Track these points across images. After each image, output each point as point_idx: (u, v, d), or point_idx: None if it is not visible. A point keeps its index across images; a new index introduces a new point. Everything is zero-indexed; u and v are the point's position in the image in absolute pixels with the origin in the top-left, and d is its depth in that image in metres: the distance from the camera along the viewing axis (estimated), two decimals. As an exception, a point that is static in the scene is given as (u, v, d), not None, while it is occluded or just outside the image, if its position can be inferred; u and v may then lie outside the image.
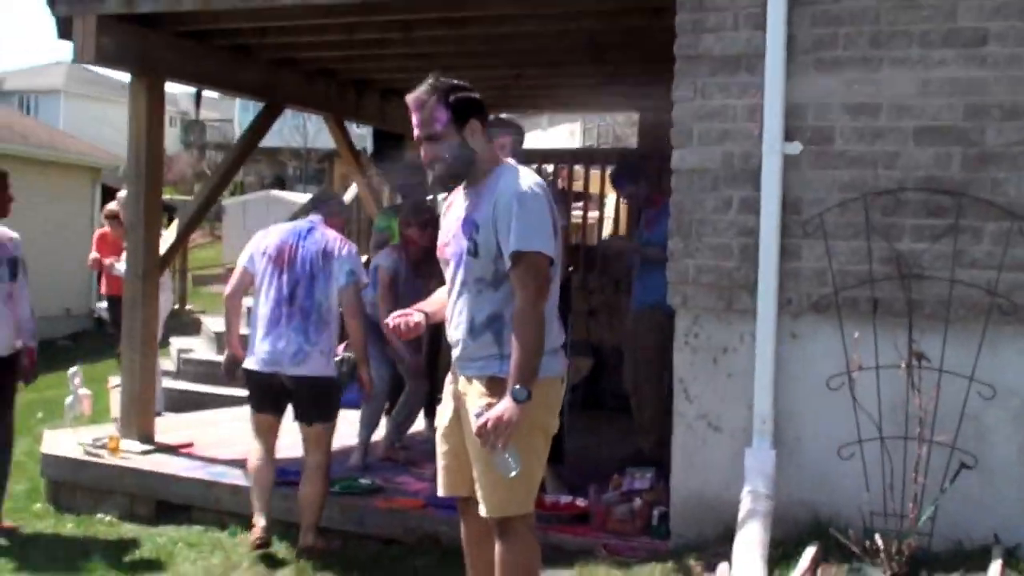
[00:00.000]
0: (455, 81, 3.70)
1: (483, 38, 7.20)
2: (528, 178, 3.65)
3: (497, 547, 3.69)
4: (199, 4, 6.20)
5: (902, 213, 4.56)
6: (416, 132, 3.67)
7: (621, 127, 22.94)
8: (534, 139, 25.81)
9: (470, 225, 3.66)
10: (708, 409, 4.93)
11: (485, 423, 3.44)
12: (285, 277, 5.45)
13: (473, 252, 3.64)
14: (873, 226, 4.58)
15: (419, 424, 7.48)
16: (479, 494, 3.67)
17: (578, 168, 10.97)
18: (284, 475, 5.77)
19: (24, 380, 6.19)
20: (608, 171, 8.86)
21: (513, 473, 3.47)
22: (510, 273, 3.57)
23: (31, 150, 18.08)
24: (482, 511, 3.68)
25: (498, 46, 7.49)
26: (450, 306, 3.77)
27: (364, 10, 6.28)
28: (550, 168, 11.12)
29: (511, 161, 3.83)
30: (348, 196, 10.94)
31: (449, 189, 3.85)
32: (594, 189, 10.58)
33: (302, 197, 24.21)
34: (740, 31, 4.85)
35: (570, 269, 7.02)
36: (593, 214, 10.48)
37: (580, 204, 10.79)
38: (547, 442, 3.76)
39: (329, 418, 5.55)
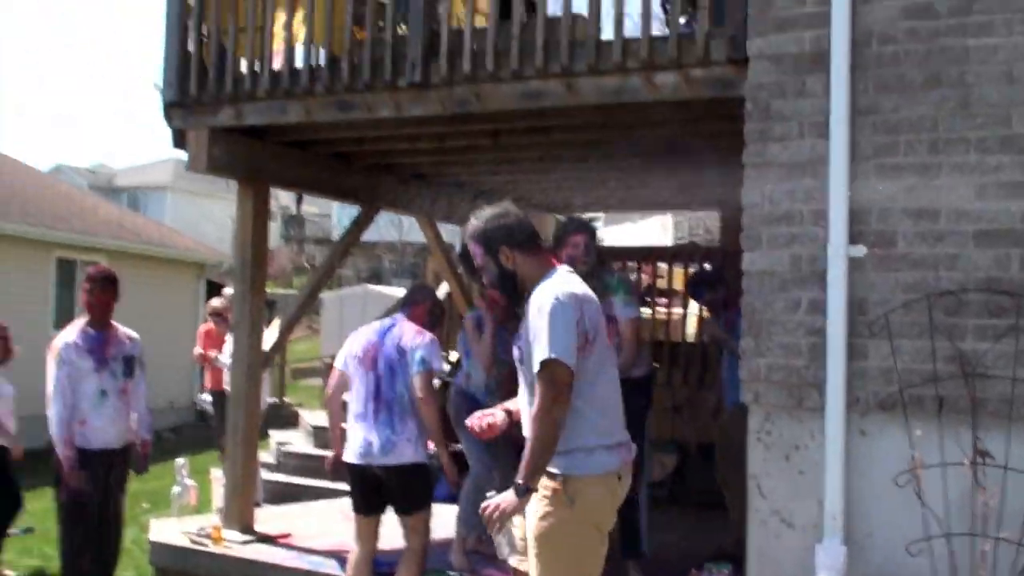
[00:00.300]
0: (488, 216, 4.23)
1: (567, 143, 7.53)
2: (552, 289, 3.95)
3: None
4: (302, 117, 6.65)
5: (964, 313, 4.70)
6: None
7: (711, 221, 23.12)
8: (625, 232, 26.11)
9: (520, 336, 4.04)
10: (781, 505, 5.07)
11: (487, 507, 3.82)
12: (371, 375, 5.86)
13: (521, 360, 4.01)
14: (936, 326, 4.73)
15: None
16: None
17: (662, 265, 11.20)
18: (379, 566, 6.03)
19: (136, 470, 6.66)
20: (690, 272, 9.10)
21: (507, 555, 3.94)
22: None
23: (142, 247, 18.91)
24: None
25: (582, 151, 7.82)
26: (522, 408, 4.07)
27: (453, 121, 6.65)
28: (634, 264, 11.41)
29: (562, 268, 4.17)
30: (440, 293, 11.33)
31: (516, 303, 4.19)
32: (678, 286, 10.78)
33: (397, 291, 24.78)
34: (805, 139, 5.08)
35: (655, 366, 7.24)
36: (677, 311, 10.67)
37: (664, 301, 11.00)
38: (602, 538, 3.99)
39: (422, 505, 5.81)
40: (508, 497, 3.78)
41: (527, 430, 4.00)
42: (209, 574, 6.95)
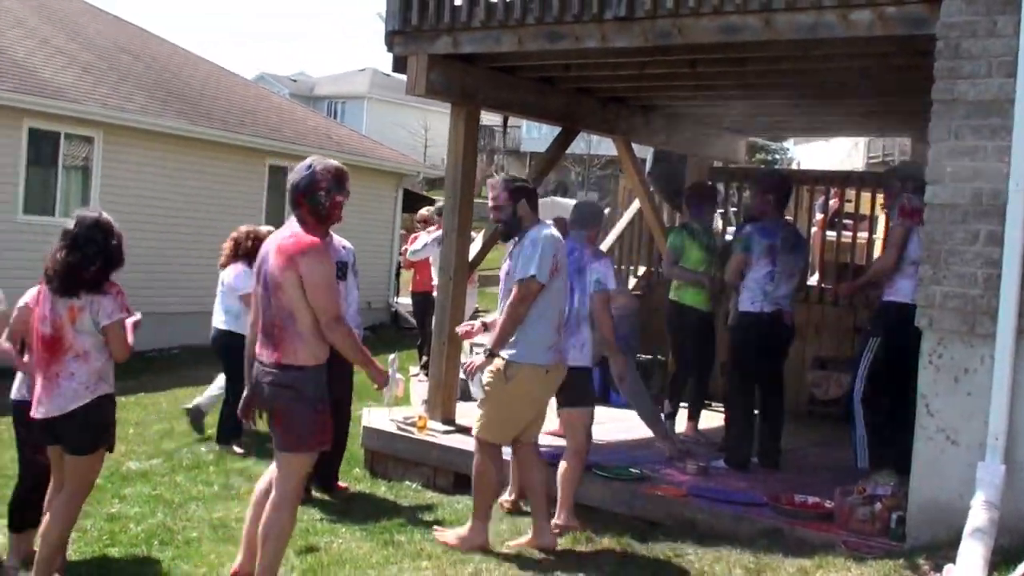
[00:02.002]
0: (521, 178, 6.20)
1: (762, 73, 7.83)
2: (545, 232, 5.82)
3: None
4: (514, 46, 7.18)
5: None
6: (490, 203, 5.96)
7: (906, 141, 22.65)
8: (815, 151, 25.84)
9: (510, 257, 5.88)
10: (947, 424, 5.42)
11: (468, 364, 6.13)
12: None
13: (508, 273, 5.91)
14: (1112, 263, 4.96)
15: (682, 424, 8.28)
16: None
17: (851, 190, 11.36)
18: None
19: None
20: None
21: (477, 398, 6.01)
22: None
23: (346, 157, 19.85)
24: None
25: (776, 79, 8.09)
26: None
27: (655, 51, 7.05)
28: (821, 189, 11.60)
29: (548, 223, 6.04)
30: (631, 211, 11.78)
31: (507, 240, 6.06)
32: (865, 210, 10.93)
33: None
34: (993, 78, 5.30)
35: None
36: (863, 234, 10.85)
37: (851, 224, 11.18)
38: (525, 405, 5.88)
39: (577, 403, 6.41)
40: (480, 358, 5.89)
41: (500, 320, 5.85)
42: (412, 457, 7.74)
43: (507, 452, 6.21)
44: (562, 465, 6.37)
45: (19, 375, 5.78)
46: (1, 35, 16.22)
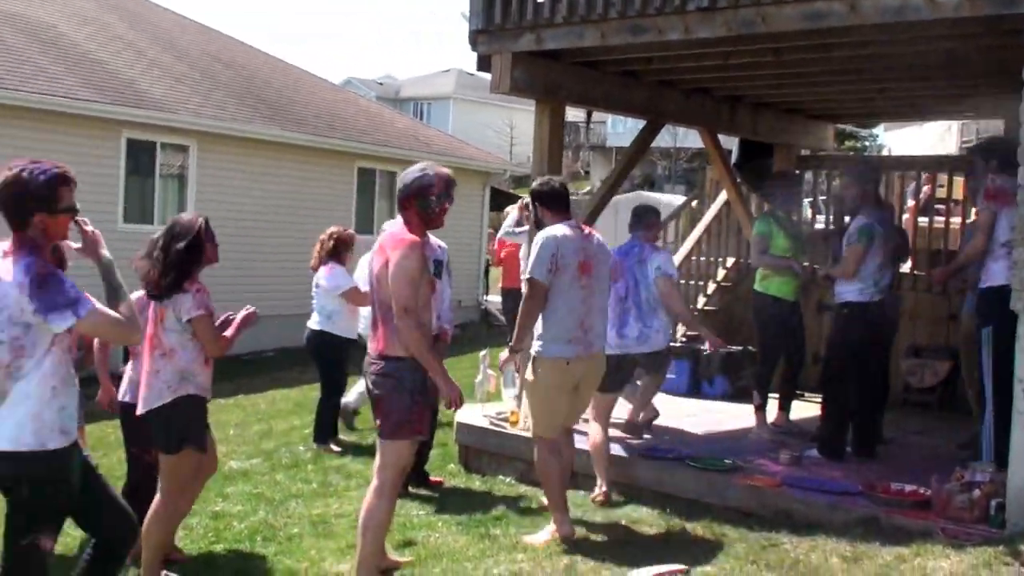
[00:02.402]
0: (541, 182, 6.50)
1: (848, 59, 7.75)
2: (543, 232, 6.15)
3: None
4: (597, 41, 7.23)
5: None
6: None
7: (1000, 124, 22.11)
8: (907, 137, 25.36)
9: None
10: (1046, 408, 5.34)
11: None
12: (619, 285, 7.31)
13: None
14: None
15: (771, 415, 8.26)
16: None
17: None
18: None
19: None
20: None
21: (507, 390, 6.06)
22: None
23: (433, 157, 20.06)
24: None
25: (862, 64, 8.01)
26: None
27: (738, 41, 7.03)
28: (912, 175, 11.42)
29: (564, 223, 6.21)
30: (718, 202, 11.73)
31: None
32: (958, 195, 10.73)
33: (671, 198, 25.15)
34: (1084, 55, 5.23)
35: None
36: (956, 219, 10.65)
37: (943, 209, 10.98)
38: (558, 396, 6.12)
39: (662, 369, 7.71)
40: (506, 354, 6.47)
41: None
42: (505, 452, 7.83)
43: (580, 441, 6.61)
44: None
45: (126, 377, 6.00)
46: (100, 48, 16.73)
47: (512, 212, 11.66)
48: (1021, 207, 5.46)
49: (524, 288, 6.17)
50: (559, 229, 6.14)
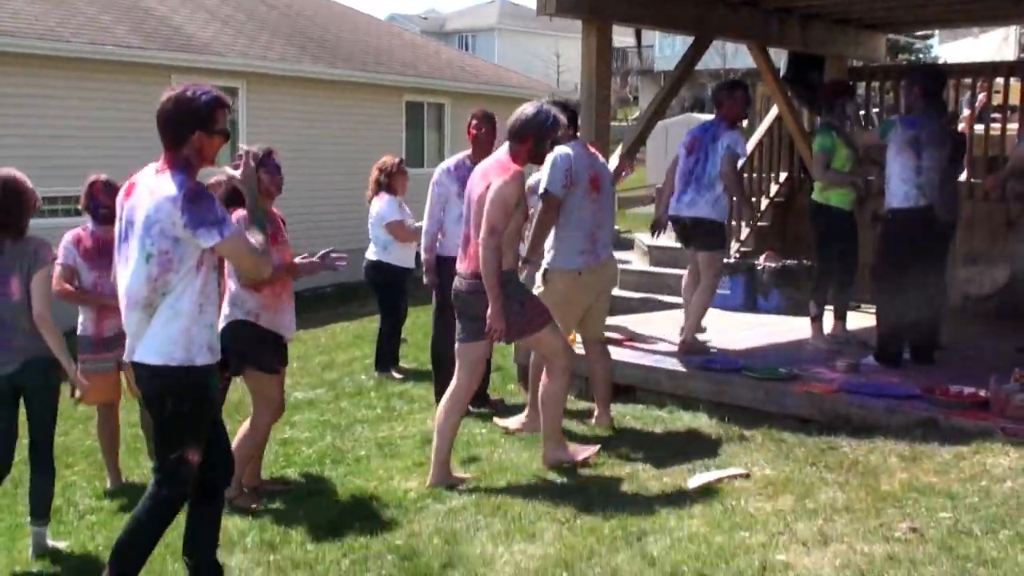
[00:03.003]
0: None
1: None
2: (556, 150, 6.27)
3: None
4: (638, -41, 7.18)
5: None
6: None
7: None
8: (964, 48, 24.88)
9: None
10: (1105, 304, 5.33)
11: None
12: (691, 158, 7.78)
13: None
14: None
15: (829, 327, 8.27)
16: None
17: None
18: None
19: None
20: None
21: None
22: None
23: (480, 87, 20.12)
24: None
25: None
26: None
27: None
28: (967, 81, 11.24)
29: (573, 143, 6.53)
30: (769, 117, 11.64)
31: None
32: (1015, 100, 10.59)
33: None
34: None
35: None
36: (1012, 126, 10.50)
37: (999, 116, 10.83)
38: (568, 307, 6.49)
39: (712, 248, 7.82)
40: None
41: None
42: (564, 372, 7.92)
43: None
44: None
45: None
46: (144, -5, 16.84)
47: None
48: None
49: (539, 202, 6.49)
50: (571, 147, 6.47)
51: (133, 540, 4.30)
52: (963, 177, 10.22)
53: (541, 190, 6.41)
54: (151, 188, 4.09)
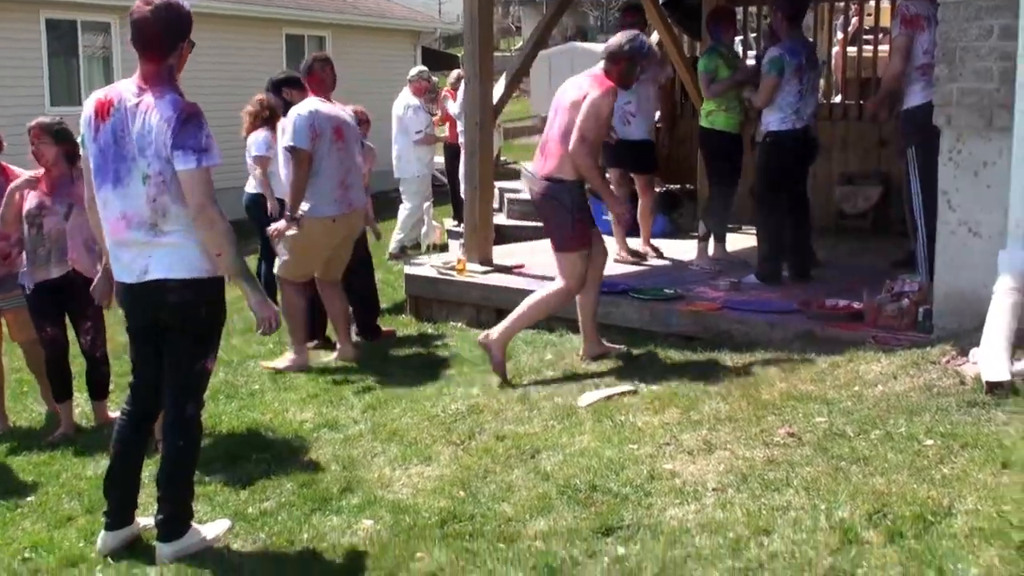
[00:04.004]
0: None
1: None
2: (296, 109, 6.89)
3: None
4: None
5: None
6: None
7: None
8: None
9: None
10: (968, 217, 5.58)
11: (273, 229, 6.97)
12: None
13: None
14: (1122, 44, 5.03)
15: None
16: None
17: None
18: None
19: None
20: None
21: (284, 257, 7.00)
22: None
23: (362, 19, 19.83)
24: None
25: None
26: None
27: None
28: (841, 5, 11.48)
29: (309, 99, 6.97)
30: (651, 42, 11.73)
31: None
32: (886, 22, 10.87)
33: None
34: None
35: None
36: (884, 47, 10.80)
37: (870, 38, 11.14)
38: (316, 251, 6.95)
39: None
40: (283, 223, 6.79)
41: None
42: (455, 298, 8.06)
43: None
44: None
45: None
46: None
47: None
48: (942, 25, 5.61)
49: (287, 157, 6.85)
50: (312, 103, 6.90)
51: (182, 471, 4.30)
52: (837, 99, 10.54)
53: (287, 145, 6.79)
54: (143, 107, 4.01)
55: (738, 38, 11.31)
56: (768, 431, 4.64)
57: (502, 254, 8.87)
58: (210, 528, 4.42)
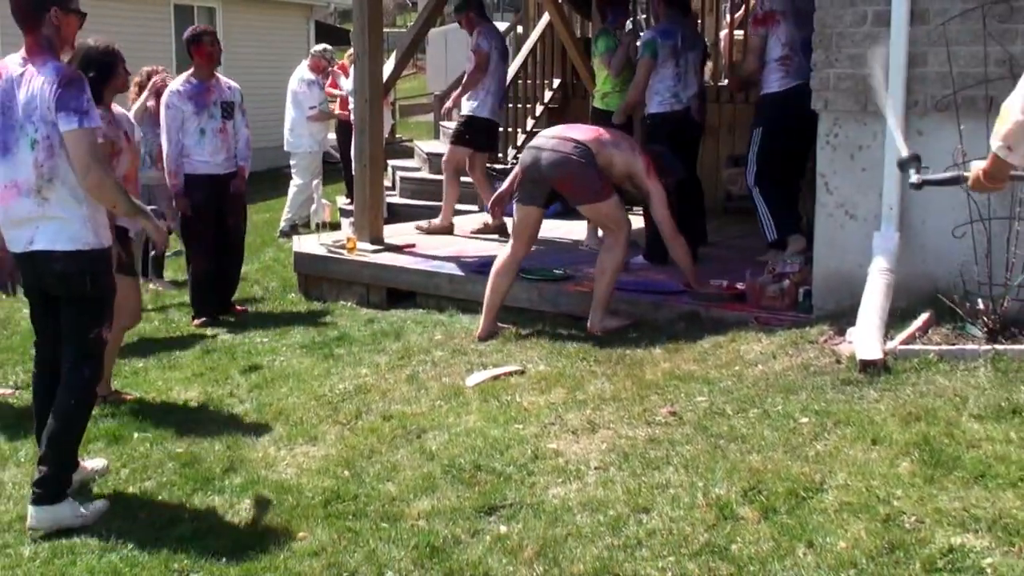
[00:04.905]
0: None
1: None
2: None
3: None
4: None
5: (1016, 19, 5.14)
6: None
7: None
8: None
9: None
10: (845, 199, 5.74)
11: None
12: None
13: None
14: (990, 32, 5.20)
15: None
16: None
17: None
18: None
19: (236, 189, 7.76)
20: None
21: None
22: None
23: (254, -8, 19.48)
24: None
25: None
26: None
27: None
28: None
29: None
30: (541, 24, 11.78)
31: None
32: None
33: (502, 25, 24.96)
34: None
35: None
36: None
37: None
38: None
39: None
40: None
41: None
42: (345, 277, 8.00)
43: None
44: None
45: None
46: None
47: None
48: (818, 12, 5.74)
49: None
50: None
51: (66, 432, 4.38)
52: (725, 82, 10.71)
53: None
54: (27, 76, 4.16)
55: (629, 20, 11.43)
56: (651, 410, 4.72)
57: (395, 232, 8.85)
58: (87, 506, 4.41)
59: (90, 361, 4.41)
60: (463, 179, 8.96)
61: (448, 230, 8.98)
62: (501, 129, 9.79)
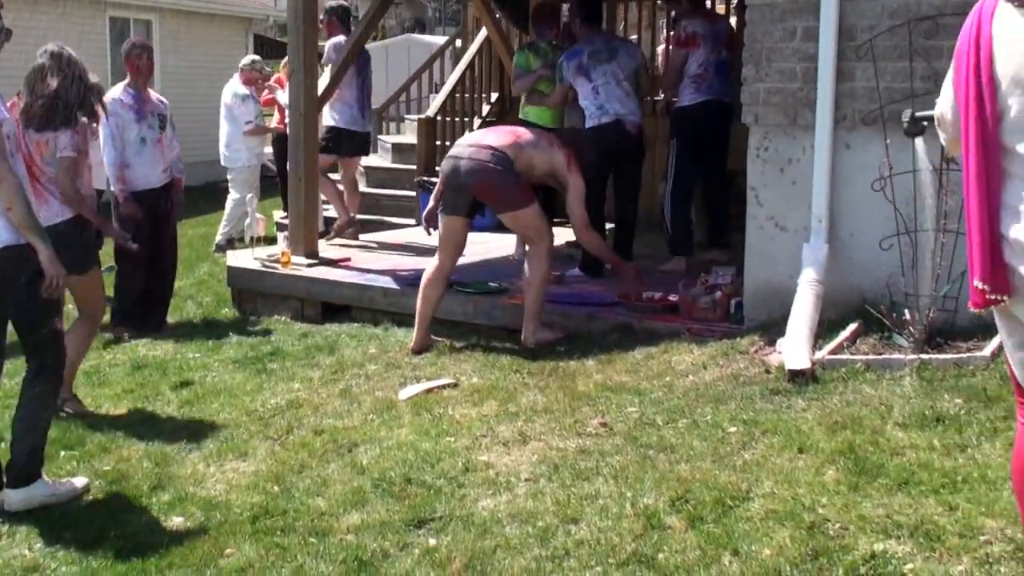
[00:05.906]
0: None
1: None
2: None
3: None
4: None
5: (941, 36, 5.23)
6: None
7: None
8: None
9: None
10: (775, 212, 5.81)
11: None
12: None
13: None
14: (916, 49, 5.30)
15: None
16: None
17: None
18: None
19: (174, 201, 7.78)
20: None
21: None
22: None
23: (193, 4, 19.28)
24: None
25: None
26: None
27: None
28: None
29: None
30: (479, 39, 11.80)
31: None
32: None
33: (442, 39, 25.01)
34: None
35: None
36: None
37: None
38: None
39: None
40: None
41: None
42: (279, 291, 7.92)
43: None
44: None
45: None
46: None
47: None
48: (749, 27, 5.81)
49: None
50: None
51: (37, 415, 4.59)
52: (661, 96, 10.78)
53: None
54: None
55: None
56: (582, 422, 4.74)
57: (330, 247, 8.81)
58: (64, 482, 4.68)
59: (48, 350, 4.58)
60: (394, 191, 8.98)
61: (350, 222, 9.48)
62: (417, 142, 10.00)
